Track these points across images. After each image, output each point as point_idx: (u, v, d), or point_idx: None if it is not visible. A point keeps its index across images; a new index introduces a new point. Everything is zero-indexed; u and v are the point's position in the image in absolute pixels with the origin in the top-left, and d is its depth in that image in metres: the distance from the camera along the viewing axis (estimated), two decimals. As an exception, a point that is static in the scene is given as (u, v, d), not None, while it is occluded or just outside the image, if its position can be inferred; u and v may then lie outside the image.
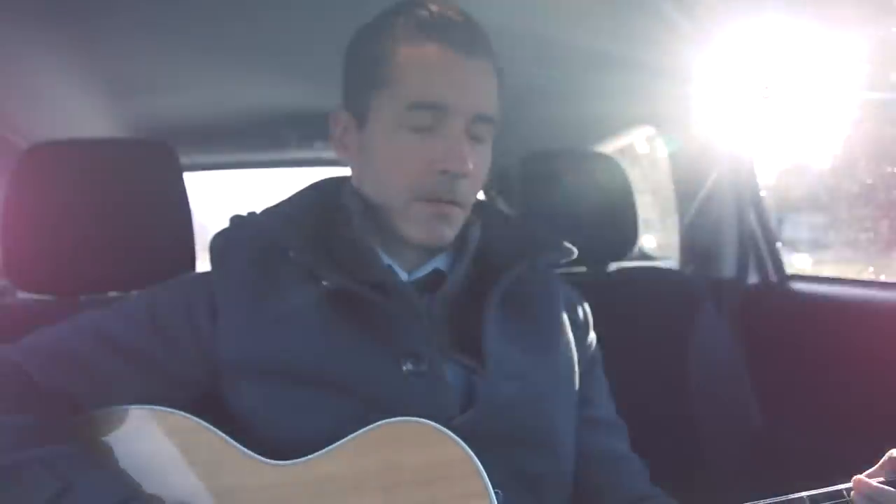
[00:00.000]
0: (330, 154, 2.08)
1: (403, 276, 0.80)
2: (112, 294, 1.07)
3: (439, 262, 0.82)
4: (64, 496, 0.59)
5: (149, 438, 0.69)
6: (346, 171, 0.89)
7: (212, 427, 0.69)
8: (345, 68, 0.82)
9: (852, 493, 0.66)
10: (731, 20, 1.18)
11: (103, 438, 0.69)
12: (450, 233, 0.79)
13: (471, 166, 0.74)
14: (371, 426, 0.67)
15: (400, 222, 0.77)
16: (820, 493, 0.67)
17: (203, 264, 0.93)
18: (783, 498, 0.66)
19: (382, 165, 0.77)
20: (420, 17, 0.75)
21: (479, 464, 0.65)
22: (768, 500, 0.66)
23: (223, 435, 0.69)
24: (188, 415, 0.70)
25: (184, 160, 1.11)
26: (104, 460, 0.67)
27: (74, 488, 0.59)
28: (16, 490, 0.60)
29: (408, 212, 0.76)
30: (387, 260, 0.80)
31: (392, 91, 0.75)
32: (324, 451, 0.67)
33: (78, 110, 1.51)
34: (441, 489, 0.65)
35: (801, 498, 0.66)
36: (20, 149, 1.03)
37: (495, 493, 0.65)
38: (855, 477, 0.67)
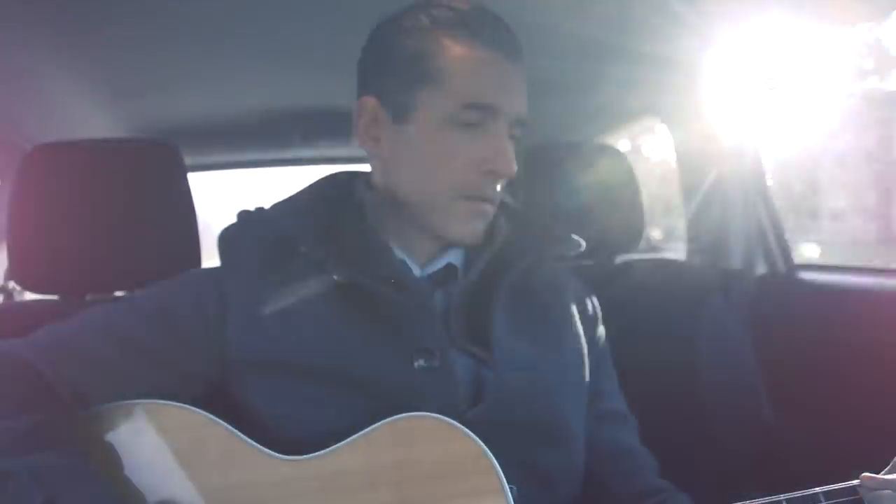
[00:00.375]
0: (335, 152, 2.07)
1: (417, 270, 0.80)
2: (118, 294, 1.07)
3: (452, 257, 0.82)
4: None
5: (159, 433, 0.68)
6: (351, 168, 0.89)
7: (222, 422, 0.69)
8: (375, 58, 0.80)
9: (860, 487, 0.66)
10: (736, 10, 1.18)
11: (113, 433, 0.69)
12: (483, 229, 0.79)
13: (515, 168, 0.75)
14: (384, 421, 0.67)
15: (438, 219, 0.77)
16: (834, 489, 0.66)
17: (208, 264, 0.93)
18: (797, 494, 0.65)
19: (427, 162, 0.76)
20: (466, 16, 0.75)
21: (493, 459, 0.64)
22: (782, 496, 0.65)
23: (233, 429, 0.69)
24: (198, 409, 0.70)
25: (187, 160, 1.11)
26: (98, 471, 0.65)
27: (60, 501, 0.58)
28: (3, 499, 0.59)
29: (450, 209, 0.76)
30: (400, 254, 0.80)
31: (442, 88, 0.74)
32: (336, 446, 0.67)
33: (81, 111, 1.51)
34: (455, 485, 0.64)
35: (815, 494, 0.66)
36: (24, 150, 1.03)
37: (509, 488, 0.64)
38: (862, 474, 0.66)
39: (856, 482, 0.66)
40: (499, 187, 0.77)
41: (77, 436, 0.67)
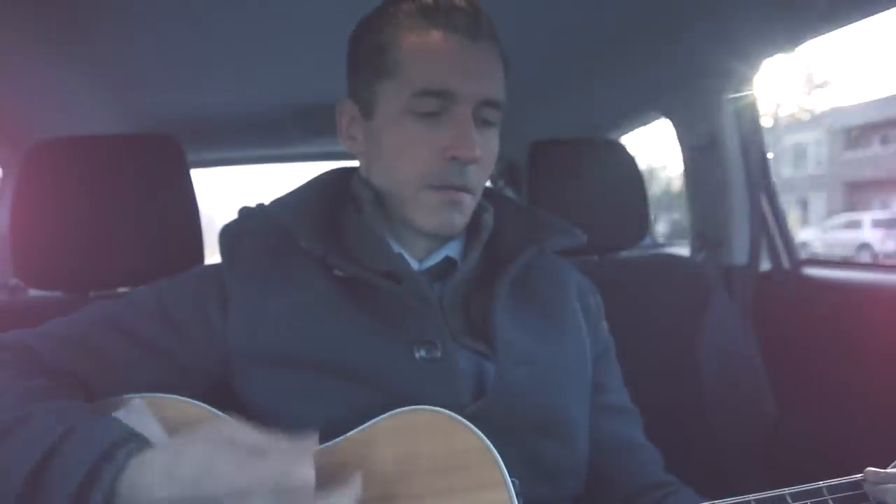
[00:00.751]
0: (335, 148, 2.08)
1: (415, 264, 0.80)
2: (121, 290, 1.07)
3: (450, 250, 0.82)
4: (66, 437, 0.58)
5: (160, 426, 0.68)
6: (351, 164, 0.89)
7: (222, 415, 0.69)
8: (348, 59, 0.82)
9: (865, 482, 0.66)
10: (742, 10, 1.17)
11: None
12: (460, 220, 0.78)
13: (479, 152, 0.74)
14: (385, 415, 0.66)
15: (410, 211, 0.77)
16: (837, 483, 0.66)
17: (210, 260, 0.93)
18: (800, 488, 0.65)
19: (391, 154, 0.76)
20: (423, 4, 0.75)
21: (496, 453, 0.64)
22: (785, 490, 0.65)
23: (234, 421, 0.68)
24: (199, 403, 0.70)
25: (189, 156, 1.11)
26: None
27: (76, 430, 0.59)
28: (25, 434, 0.60)
29: (418, 200, 0.76)
30: (397, 248, 0.80)
31: (398, 79, 0.74)
32: (336, 440, 0.66)
33: (84, 106, 1.51)
34: (458, 479, 0.64)
35: (819, 488, 0.65)
36: (27, 146, 1.03)
37: (512, 482, 0.64)
38: (867, 469, 0.66)
39: (859, 476, 0.66)
40: (473, 173, 0.76)
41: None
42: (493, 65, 0.77)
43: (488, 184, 0.86)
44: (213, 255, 0.98)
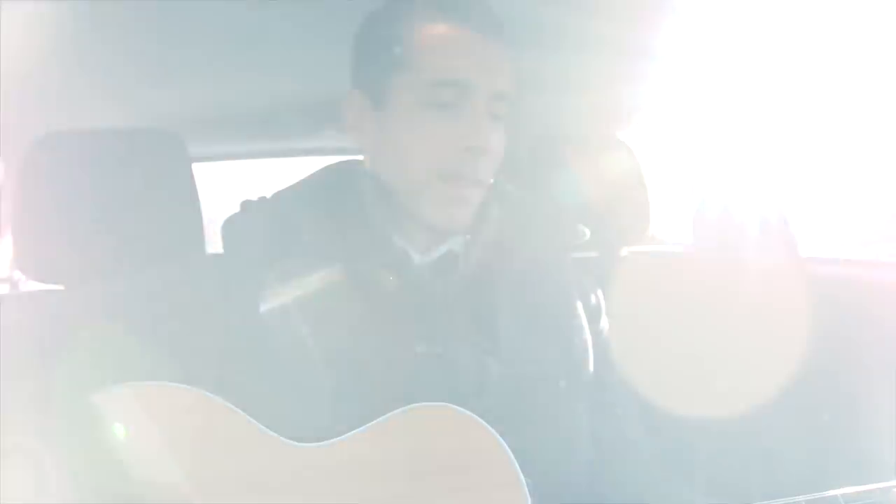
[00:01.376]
0: (337, 142, 2.07)
1: (417, 258, 0.80)
2: (122, 284, 1.07)
3: (453, 244, 0.81)
4: None
5: (171, 415, 0.67)
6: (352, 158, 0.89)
7: (231, 405, 0.68)
8: (358, 50, 0.81)
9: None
10: (740, 10, 1.17)
11: (124, 414, 0.68)
12: (467, 215, 0.79)
13: (494, 142, 0.74)
14: (396, 411, 0.65)
15: (419, 203, 0.77)
16: (854, 492, 0.64)
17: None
18: (816, 495, 0.64)
19: (403, 145, 0.77)
20: None
21: (510, 452, 0.63)
22: (798, 497, 0.63)
23: (242, 413, 0.68)
24: (211, 394, 0.69)
25: (191, 150, 1.11)
26: None
27: None
28: None
29: (430, 193, 0.76)
30: (400, 242, 0.79)
31: (413, 70, 0.75)
32: (348, 434, 0.65)
33: (85, 99, 1.50)
34: (472, 478, 0.63)
35: (836, 497, 0.64)
36: (29, 139, 1.03)
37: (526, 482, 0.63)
38: None
39: (875, 486, 0.64)
40: (484, 166, 0.76)
41: None
42: (506, 59, 0.77)
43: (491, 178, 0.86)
44: (213, 250, 0.98)
